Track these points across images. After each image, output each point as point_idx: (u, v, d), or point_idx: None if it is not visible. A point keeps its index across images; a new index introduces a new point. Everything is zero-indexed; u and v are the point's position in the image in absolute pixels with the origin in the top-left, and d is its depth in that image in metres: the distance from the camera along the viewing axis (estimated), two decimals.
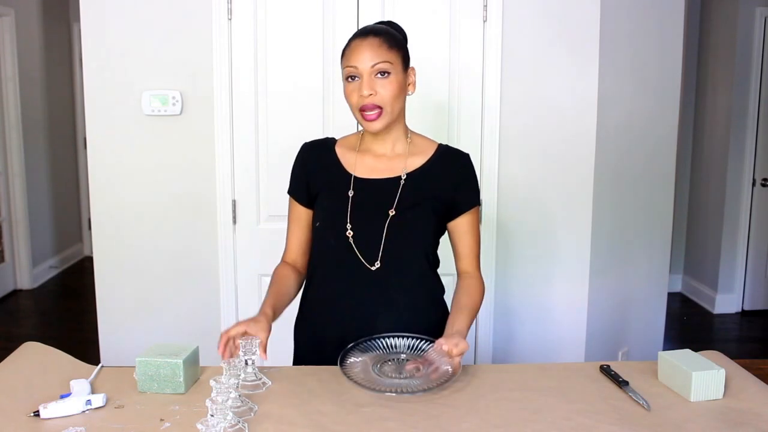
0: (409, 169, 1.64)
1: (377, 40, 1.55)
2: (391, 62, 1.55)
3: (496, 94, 2.67)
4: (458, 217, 1.66)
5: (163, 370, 1.42)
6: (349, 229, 1.60)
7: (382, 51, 1.54)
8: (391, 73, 1.55)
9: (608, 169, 2.83)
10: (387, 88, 1.55)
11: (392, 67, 1.55)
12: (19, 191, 5.12)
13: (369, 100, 1.54)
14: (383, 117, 1.56)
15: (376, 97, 1.54)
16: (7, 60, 4.94)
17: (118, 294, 2.78)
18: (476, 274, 1.70)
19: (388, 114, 1.57)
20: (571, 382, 1.49)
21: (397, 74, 1.56)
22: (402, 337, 1.55)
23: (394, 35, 1.60)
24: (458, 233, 1.68)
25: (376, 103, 1.54)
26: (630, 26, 2.85)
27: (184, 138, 2.70)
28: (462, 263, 1.70)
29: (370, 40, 1.55)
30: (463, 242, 1.68)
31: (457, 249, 1.70)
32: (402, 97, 1.60)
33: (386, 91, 1.55)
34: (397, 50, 1.58)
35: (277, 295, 1.64)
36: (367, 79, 1.54)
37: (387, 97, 1.55)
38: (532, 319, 2.83)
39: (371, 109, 1.55)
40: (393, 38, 1.58)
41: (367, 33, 1.57)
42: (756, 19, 4.45)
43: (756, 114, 4.57)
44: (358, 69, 1.54)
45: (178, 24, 2.64)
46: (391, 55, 1.55)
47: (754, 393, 1.43)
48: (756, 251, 4.75)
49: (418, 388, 1.37)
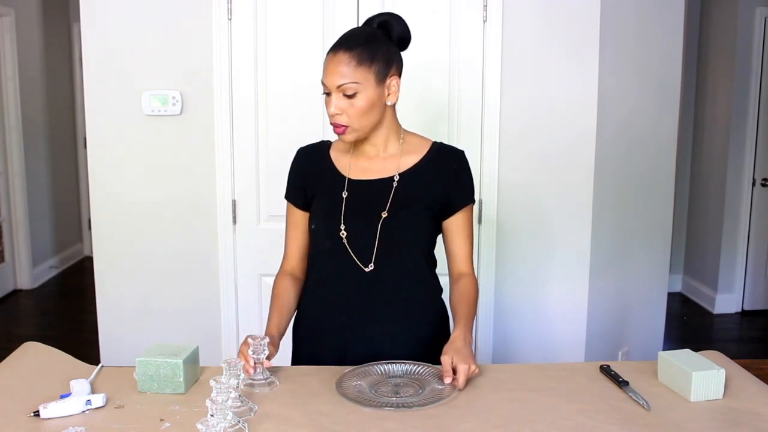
0: (402, 169, 1.64)
1: (346, 56, 1.52)
2: (359, 81, 1.52)
3: (496, 94, 2.67)
4: (453, 216, 1.65)
5: (163, 370, 1.42)
6: (343, 230, 1.60)
7: (348, 70, 1.51)
8: (359, 92, 1.52)
9: (608, 169, 2.83)
10: (354, 108, 1.53)
11: (360, 86, 1.52)
12: (19, 191, 5.12)
13: (335, 119, 1.55)
14: (350, 133, 1.57)
15: (342, 117, 1.54)
16: (7, 60, 4.94)
17: (118, 294, 2.78)
18: (471, 273, 1.69)
19: (355, 131, 1.57)
20: (571, 382, 1.49)
21: (366, 91, 1.53)
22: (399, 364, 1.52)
23: (371, 47, 1.54)
24: (452, 232, 1.66)
25: (341, 122, 1.55)
26: (630, 26, 2.85)
27: (184, 138, 2.70)
28: (456, 264, 1.68)
29: (339, 57, 1.52)
30: (458, 242, 1.67)
31: (450, 248, 1.68)
32: (375, 111, 1.56)
33: (353, 111, 1.54)
34: (369, 65, 1.52)
35: (280, 314, 1.65)
36: (334, 98, 1.54)
37: (353, 116, 1.54)
38: (532, 319, 2.82)
39: (338, 126, 1.56)
40: (367, 52, 1.53)
41: (339, 47, 1.54)
42: (756, 19, 4.45)
43: (756, 114, 4.57)
44: (327, 86, 1.54)
45: (178, 24, 2.64)
46: (359, 74, 1.51)
47: (754, 393, 1.43)
48: (756, 251, 4.75)
49: (415, 404, 1.36)
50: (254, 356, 1.44)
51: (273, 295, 1.69)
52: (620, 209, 2.95)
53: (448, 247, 1.69)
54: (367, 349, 1.61)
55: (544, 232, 2.78)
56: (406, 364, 1.52)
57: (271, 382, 1.46)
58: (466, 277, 1.67)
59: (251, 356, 1.44)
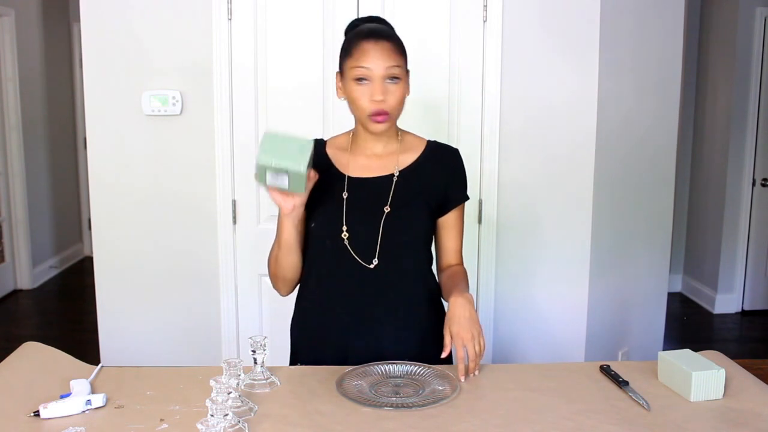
0: (401, 166, 1.65)
1: (389, 44, 1.56)
2: (401, 67, 1.57)
3: (496, 93, 2.67)
4: (448, 213, 1.68)
5: (291, 145, 1.40)
6: (345, 231, 1.60)
7: (394, 56, 1.55)
8: (401, 79, 1.56)
9: (608, 169, 2.83)
10: (396, 94, 1.56)
11: (401, 72, 1.57)
12: (19, 191, 5.13)
13: (380, 105, 1.54)
14: (389, 120, 1.58)
15: (386, 104, 1.55)
16: (7, 60, 4.94)
17: (118, 294, 2.78)
18: (461, 263, 1.72)
19: (393, 118, 1.59)
20: (571, 382, 1.49)
21: (404, 79, 1.58)
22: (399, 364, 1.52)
23: (399, 40, 1.61)
24: (446, 228, 1.70)
25: (385, 109, 1.55)
26: (630, 26, 2.85)
27: (184, 138, 2.70)
28: (447, 257, 1.72)
29: (383, 44, 1.55)
30: (450, 237, 1.70)
31: (442, 243, 1.71)
32: (404, 102, 1.61)
33: (395, 98, 1.56)
34: (404, 55, 1.59)
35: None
36: (379, 84, 1.54)
37: (395, 102, 1.56)
38: (532, 319, 2.82)
39: (380, 114, 1.55)
40: (400, 43, 1.60)
41: (378, 36, 1.56)
42: (756, 19, 4.45)
43: (756, 114, 4.57)
44: (372, 72, 1.54)
45: (178, 24, 2.64)
46: (401, 60, 1.57)
47: (754, 393, 1.43)
48: (756, 251, 4.75)
49: (415, 404, 1.36)
50: (254, 354, 1.44)
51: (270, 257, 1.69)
52: (620, 209, 2.95)
53: (440, 242, 1.72)
54: (370, 347, 1.61)
55: (544, 232, 2.78)
56: (406, 365, 1.52)
57: (272, 382, 1.46)
58: (455, 266, 1.71)
59: (251, 354, 1.44)
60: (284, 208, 1.52)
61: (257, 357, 1.45)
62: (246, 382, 1.44)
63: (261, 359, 1.45)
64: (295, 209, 1.53)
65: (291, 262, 1.65)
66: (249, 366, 1.47)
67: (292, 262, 1.65)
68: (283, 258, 1.64)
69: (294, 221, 1.58)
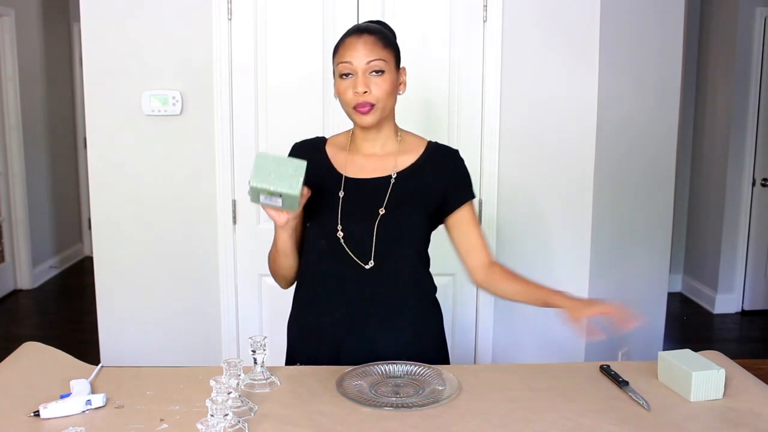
0: (400, 167, 1.65)
1: (372, 38, 1.56)
2: (386, 60, 1.56)
3: (496, 93, 2.67)
4: (455, 213, 1.66)
5: (283, 167, 1.40)
6: (340, 230, 1.60)
7: (377, 49, 1.55)
8: (385, 72, 1.56)
9: (608, 169, 2.83)
10: (381, 87, 1.55)
11: (386, 65, 1.56)
12: (19, 191, 5.12)
13: (363, 98, 1.54)
14: (375, 112, 1.57)
15: (370, 96, 1.55)
16: (7, 60, 4.94)
17: (118, 294, 2.78)
18: (496, 261, 1.70)
19: (379, 110, 1.57)
20: (571, 382, 1.49)
21: (390, 73, 1.57)
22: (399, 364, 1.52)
23: (388, 35, 1.61)
24: (462, 228, 1.67)
25: (369, 101, 1.55)
26: (630, 26, 2.85)
27: (184, 138, 2.70)
28: (478, 256, 1.68)
29: (365, 38, 1.56)
30: (471, 235, 1.68)
31: (466, 243, 1.68)
32: (394, 96, 1.61)
33: (380, 90, 1.55)
34: (391, 49, 1.59)
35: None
36: (361, 77, 1.54)
37: (380, 95, 1.56)
38: (532, 319, 2.82)
39: (363, 105, 1.55)
40: (387, 37, 1.60)
41: (362, 31, 1.58)
42: (756, 19, 4.45)
43: (756, 114, 4.57)
44: (353, 65, 1.54)
45: (178, 24, 2.64)
46: (386, 54, 1.57)
47: (754, 393, 1.43)
48: (756, 251, 4.75)
49: (415, 404, 1.36)
50: (254, 355, 1.44)
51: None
52: (620, 209, 2.94)
53: (463, 243, 1.69)
54: (364, 347, 1.60)
55: (544, 232, 2.78)
56: (406, 365, 1.52)
57: (272, 382, 1.46)
58: (496, 266, 1.69)
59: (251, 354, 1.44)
60: (278, 221, 1.54)
61: (257, 357, 1.45)
62: (246, 382, 1.44)
63: (261, 359, 1.45)
64: (289, 222, 1.54)
65: (288, 264, 1.68)
66: (249, 366, 1.47)
67: (290, 264, 1.68)
68: (280, 261, 1.67)
69: (288, 231, 1.59)
